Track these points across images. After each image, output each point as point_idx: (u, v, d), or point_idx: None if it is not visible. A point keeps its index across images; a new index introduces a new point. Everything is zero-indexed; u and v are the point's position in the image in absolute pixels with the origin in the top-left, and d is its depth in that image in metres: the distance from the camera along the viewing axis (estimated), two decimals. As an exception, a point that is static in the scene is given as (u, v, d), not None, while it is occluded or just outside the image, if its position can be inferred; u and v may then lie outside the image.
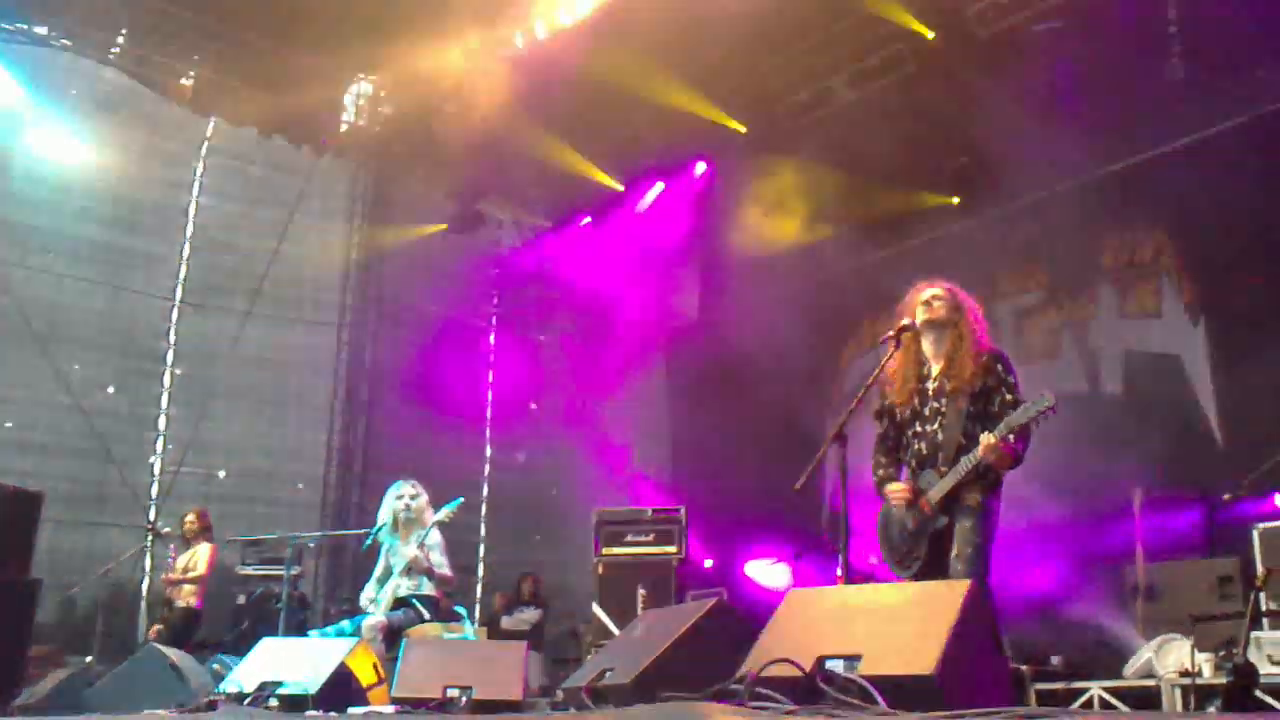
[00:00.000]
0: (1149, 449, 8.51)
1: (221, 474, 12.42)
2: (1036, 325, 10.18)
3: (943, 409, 5.08)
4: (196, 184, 13.19)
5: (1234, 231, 8.69)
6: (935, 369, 5.18)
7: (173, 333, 12.81)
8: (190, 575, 9.52)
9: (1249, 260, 8.62)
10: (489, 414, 14.68)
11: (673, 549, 9.56)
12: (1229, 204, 8.53)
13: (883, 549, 5.20)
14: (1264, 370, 8.20)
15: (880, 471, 5.29)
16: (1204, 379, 8.94)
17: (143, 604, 10.34)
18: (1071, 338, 10.05)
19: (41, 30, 11.71)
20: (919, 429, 5.16)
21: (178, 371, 12.73)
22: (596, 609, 9.39)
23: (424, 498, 7.86)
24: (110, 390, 12.21)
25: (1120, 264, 9.71)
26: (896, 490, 5.14)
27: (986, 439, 4.81)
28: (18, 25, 11.55)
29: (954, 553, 4.85)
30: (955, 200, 10.94)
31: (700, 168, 13.08)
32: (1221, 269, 8.90)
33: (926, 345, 5.23)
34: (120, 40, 11.88)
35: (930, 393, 5.15)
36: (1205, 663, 6.70)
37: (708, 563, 11.74)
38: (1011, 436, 4.80)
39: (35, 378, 11.59)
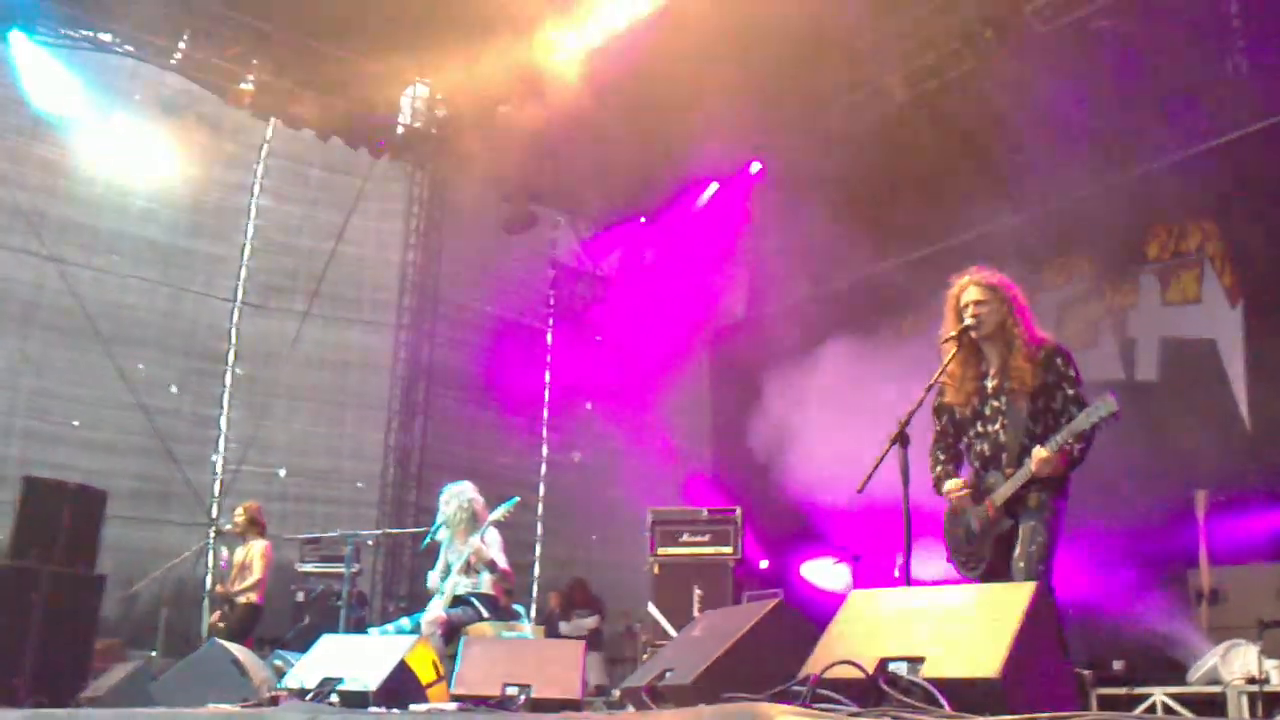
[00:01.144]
0: (1189, 439, 8.45)
1: (282, 473, 12.59)
2: (1078, 315, 10.13)
3: (1003, 408, 5.00)
4: (257, 185, 13.38)
5: (1276, 220, 8.60)
6: (993, 368, 5.10)
7: (234, 333, 13.00)
8: (248, 580, 9.63)
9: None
10: (545, 414, 14.73)
11: (728, 549, 9.55)
12: (1274, 192, 8.46)
13: (949, 550, 5.14)
14: None
15: (938, 469, 5.20)
16: (1237, 362, 8.85)
17: (205, 600, 10.50)
18: (1110, 326, 10.00)
19: (105, 37, 11.94)
20: (980, 429, 5.09)
21: (239, 371, 12.91)
22: (652, 609, 9.39)
23: (480, 498, 7.93)
24: (173, 390, 12.41)
25: (1165, 254, 9.65)
26: (956, 487, 5.06)
27: (1038, 453, 4.72)
28: (82, 33, 11.78)
29: (1016, 553, 4.79)
30: (1007, 197, 10.85)
31: (755, 167, 13.06)
32: (1265, 254, 8.78)
33: (982, 345, 5.14)
34: (181, 45, 12.07)
35: (990, 391, 5.07)
36: (1273, 669, 6.58)
37: (763, 563, 11.70)
38: (1072, 441, 4.71)
39: (101, 377, 11.82)
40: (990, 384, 5.07)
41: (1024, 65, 10.05)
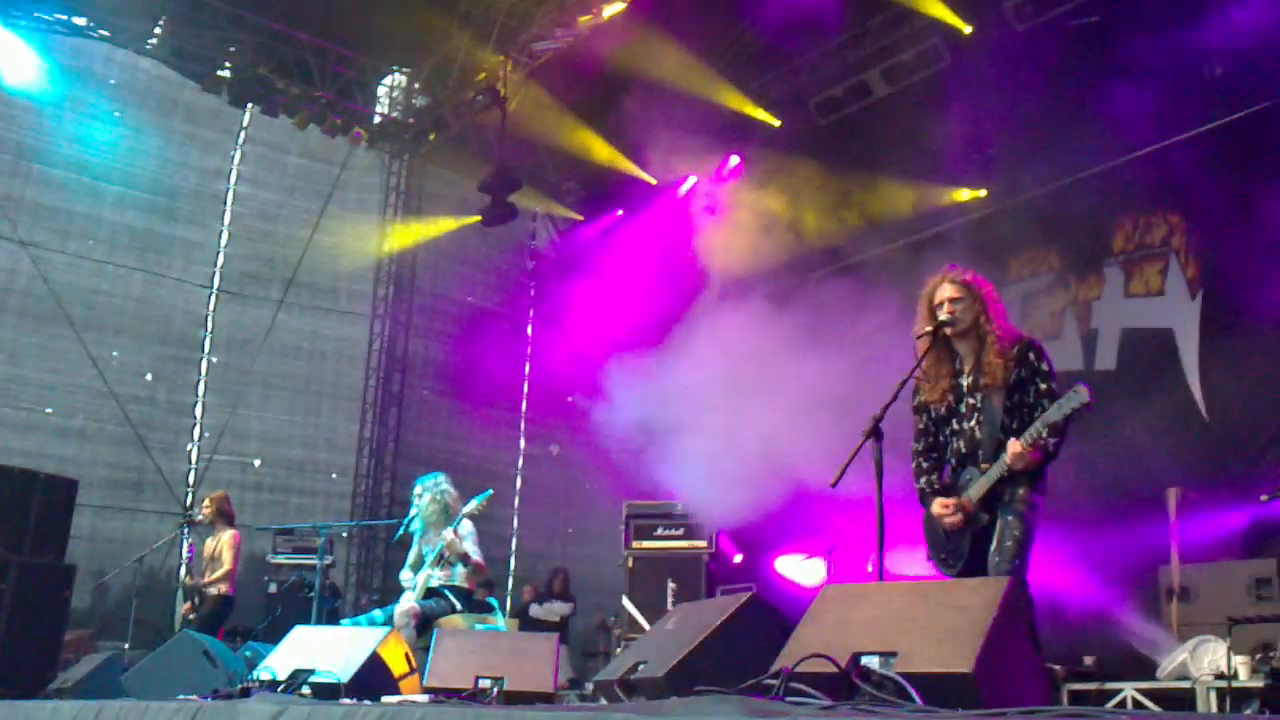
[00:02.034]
0: (1145, 427, 8.55)
1: (257, 463, 12.53)
2: (1042, 306, 10.21)
3: (978, 405, 5.00)
4: (234, 172, 13.30)
5: (1241, 213, 8.67)
6: (967, 364, 5.11)
7: (210, 320, 12.91)
8: (218, 572, 9.57)
9: (1253, 238, 8.59)
10: (524, 406, 14.71)
11: (703, 544, 9.55)
12: (1240, 187, 8.57)
13: (929, 547, 5.14)
14: (1248, 343, 8.35)
15: (922, 480, 5.19)
16: (1191, 351, 8.96)
17: (178, 592, 10.42)
18: (1073, 317, 10.08)
19: (80, 21, 11.83)
20: (956, 426, 5.09)
21: (214, 359, 12.84)
22: (626, 603, 9.39)
23: (454, 490, 7.90)
24: (148, 377, 12.33)
25: (1130, 246, 9.73)
26: (944, 505, 5.04)
27: (1013, 446, 4.73)
28: (57, 16, 11.67)
29: (992, 548, 4.80)
30: (983, 193, 10.92)
31: (733, 161, 13.05)
32: (1227, 246, 8.87)
33: (956, 343, 5.15)
34: (157, 31, 11.98)
35: (965, 388, 5.08)
36: (1241, 665, 6.63)
37: (737, 558, 11.70)
38: (1045, 433, 4.73)
39: (74, 364, 11.74)
40: (965, 381, 5.08)
41: (1002, 61, 10.11)
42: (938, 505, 5.02)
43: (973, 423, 5.01)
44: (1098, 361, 9.77)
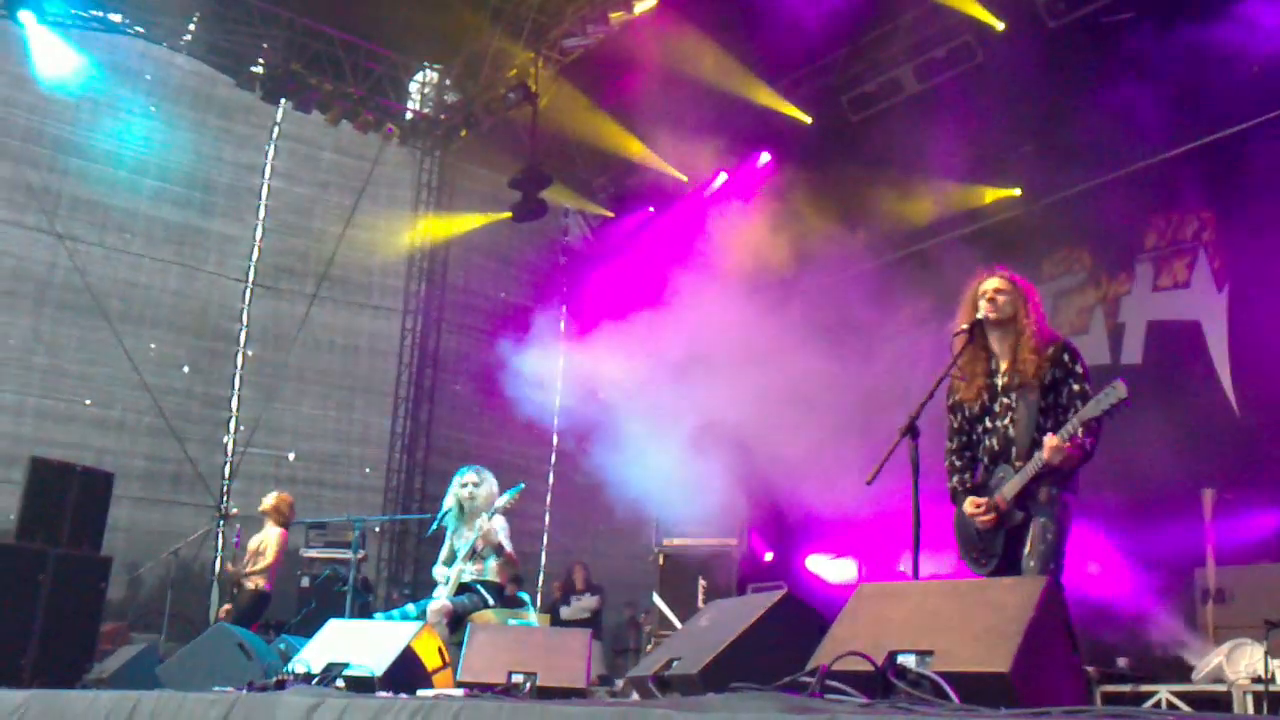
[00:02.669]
0: (1174, 421, 8.48)
1: (291, 456, 12.60)
2: (1072, 304, 10.14)
3: (1013, 404, 5.00)
4: (268, 167, 13.38)
5: (1274, 210, 8.60)
6: (1003, 364, 5.09)
7: (245, 314, 13.01)
8: (259, 565, 9.64)
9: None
10: (557, 401, 14.68)
11: (733, 541, 9.54)
12: (1273, 184, 8.48)
13: (960, 546, 5.13)
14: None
15: (954, 479, 5.19)
16: (1220, 344, 8.84)
17: (214, 584, 10.50)
18: (1102, 313, 10.01)
19: (116, 18, 11.94)
20: (989, 424, 5.08)
21: (249, 353, 12.93)
22: (657, 599, 9.40)
23: (489, 485, 7.90)
24: (184, 370, 12.43)
25: (1162, 243, 9.64)
26: (976, 504, 5.02)
27: (1050, 440, 4.72)
28: (92, 12, 11.78)
29: (1026, 549, 4.78)
30: (1016, 192, 10.85)
31: (764, 158, 13.02)
32: (1256, 240, 8.77)
33: (992, 340, 5.14)
34: (191, 27, 12.07)
35: (1000, 387, 5.07)
36: (1278, 669, 6.56)
37: (768, 555, 11.69)
38: (1081, 432, 4.70)
39: (111, 357, 11.86)
40: (1000, 380, 5.08)
41: (1030, 57, 10.04)
42: (969, 504, 5.01)
43: (1006, 421, 5.00)
44: (1124, 355, 9.70)
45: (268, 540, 9.70)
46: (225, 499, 12.00)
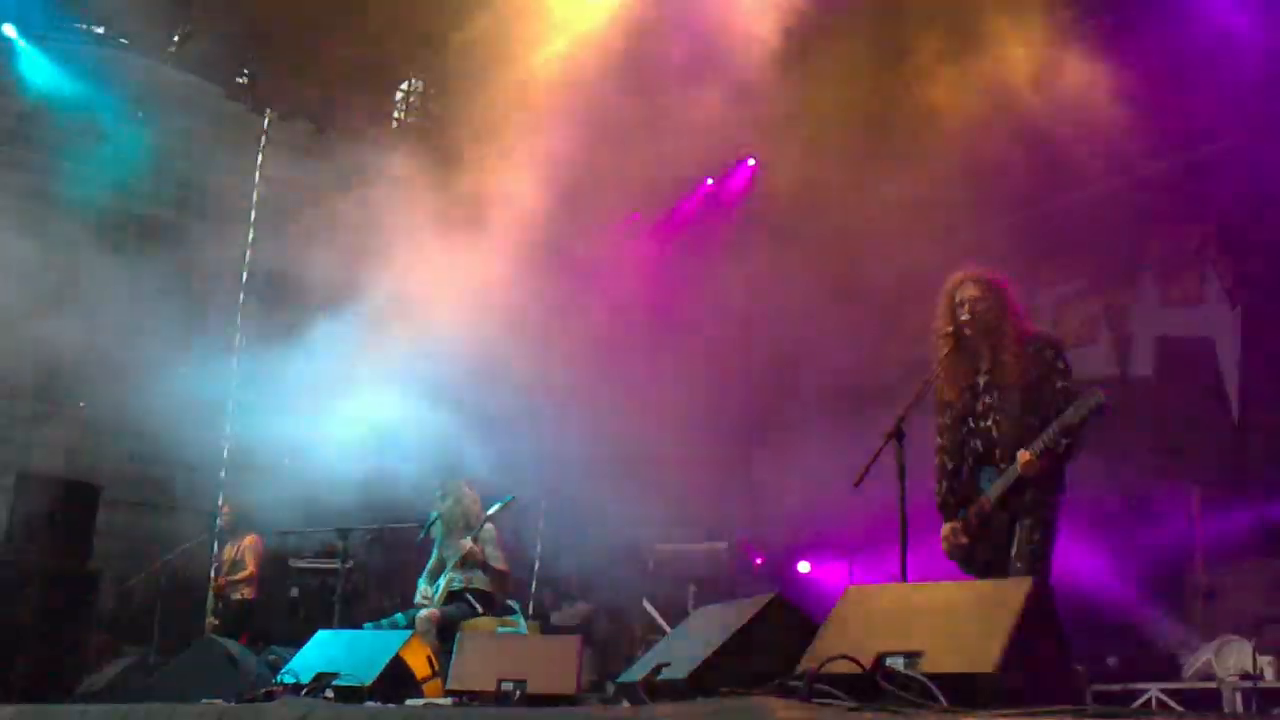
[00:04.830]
0: (1183, 435, 8.52)
1: (286, 462, 12.42)
2: (1076, 312, 10.11)
3: (995, 404, 5.01)
4: (256, 175, 13.32)
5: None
6: (984, 364, 5.10)
7: (239, 318, 12.89)
8: (240, 574, 9.61)
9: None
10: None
11: (724, 545, 9.55)
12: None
13: (948, 548, 5.15)
14: None
15: (944, 484, 5.15)
16: (1231, 362, 8.86)
17: (209, 595, 10.39)
18: (1107, 325, 9.99)
19: (98, 29, 11.90)
20: (974, 425, 5.09)
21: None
22: (647, 604, 9.39)
23: (457, 501, 7.93)
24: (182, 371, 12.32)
25: (1165, 253, 9.64)
26: (952, 528, 5.08)
27: (1023, 456, 4.75)
28: (76, 25, 11.75)
29: (1014, 551, 4.80)
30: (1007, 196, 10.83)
31: (750, 163, 12.99)
32: (1265, 256, 8.79)
33: (975, 339, 5.14)
34: (175, 39, 12.03)
35: (982, 387, 5.08)
36: (1267, 666, 6.59)
37: (759, 560, 11.69)
38: (1058, 436, 4.71)
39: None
40: (982, 380, 5.08)
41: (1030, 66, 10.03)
42: (946, 529, 5.07)
43: (989, 422, 5.02)
44: (1135, 368, 9.69)
45: (242, 548, 9.66)
46: (222, 505, 11.84)
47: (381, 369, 9.41)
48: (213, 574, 10.45)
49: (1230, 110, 8.80)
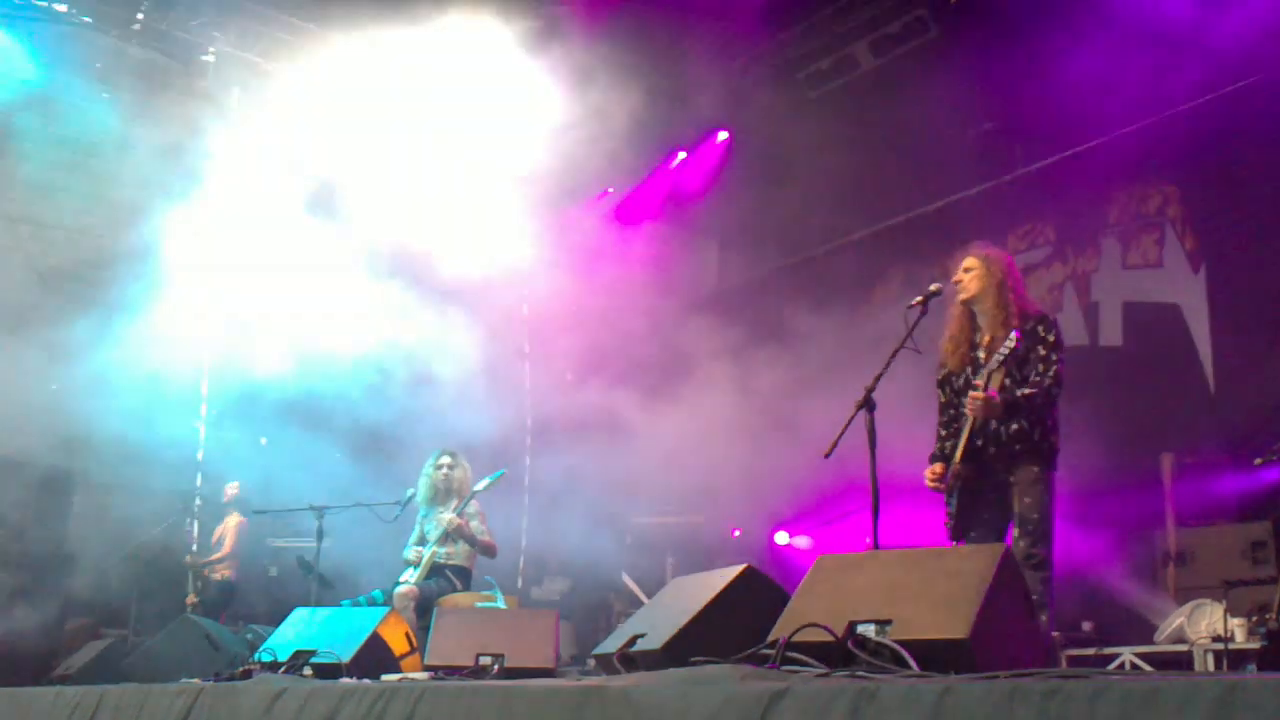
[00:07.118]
0: (1155, 403, 8.64)
1: (263, 441, 12.33)
2: (1041, 280, 10.14)
3: (988, 380, 5.15)
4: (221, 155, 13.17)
5: (1239, 182, 8.67)
6: (985, 336, 5.26)
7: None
8: (218, 554, 9.57)
9: (1253, 208, 8.55)
10: (528, 383, 14.52)
11: (701, 518, 9.58)
12: (1239, 157, 8.59)
13: (947, 516, 5.31)
14: (1258, 317, 8.34)
15: (936, 447, 5.42)
16: (1202, 328, 8.90)
17: (189, 575, 10.31)
18: (1073, 291, 10.03)
19: (61, 7, 11.73)
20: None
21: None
22: (626, 578, 9.42)
23: (464, 468, 7.90)
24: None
25: (1126, 217, 9.67)
26: (932, 472, 5.27)
27: (973, 394, 4.91)
28: (37, 3, 11.58)
29: (1016, 531, 4.93)
30: (978, 167, 10.85)
31: (722, 136, 12.98)
32: (1226, 219, 8.84)
33: (977, 312, 5.32)
34: (140, 15, 11.88)
35: (982, 359, 5.23)
36: (1238, 627, 6.68)
37: (736, 532, 11.73)
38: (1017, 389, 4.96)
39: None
40: (981, 353, 5.24)
41: (987, 31, 10.04)
42: (928, 473, 5.22)
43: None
44: (1102, 337, 9.72)
45: (226, 529, 9.65)
46: (199, 484, 11.76)
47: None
48: (194, 551, 10.42)
49: (1196, 71, 8.83)
